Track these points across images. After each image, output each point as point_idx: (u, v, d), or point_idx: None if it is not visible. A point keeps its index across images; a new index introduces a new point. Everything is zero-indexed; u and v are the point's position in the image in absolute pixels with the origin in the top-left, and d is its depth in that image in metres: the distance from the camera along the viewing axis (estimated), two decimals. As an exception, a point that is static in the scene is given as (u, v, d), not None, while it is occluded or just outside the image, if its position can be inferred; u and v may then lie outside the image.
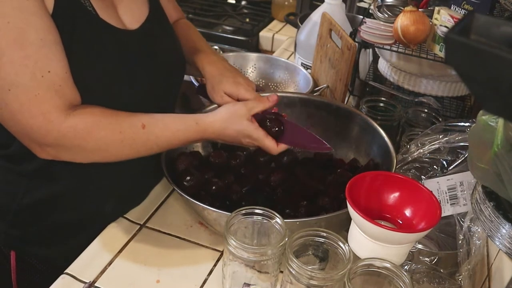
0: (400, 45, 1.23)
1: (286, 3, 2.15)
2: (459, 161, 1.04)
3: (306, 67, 1.46)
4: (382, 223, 0.77)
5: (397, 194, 0.84)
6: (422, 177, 1.05)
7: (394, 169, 0.96)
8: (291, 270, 0.76)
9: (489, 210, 0.71)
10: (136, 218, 1.06)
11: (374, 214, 0.82)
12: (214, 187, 1.01)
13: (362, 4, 1.52)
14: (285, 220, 0.83)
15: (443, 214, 0.90)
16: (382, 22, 1.25)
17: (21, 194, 0.98)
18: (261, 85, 1.47)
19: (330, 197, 1.00)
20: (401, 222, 0.83)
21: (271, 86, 1.47)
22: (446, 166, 1.06)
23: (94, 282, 0.91)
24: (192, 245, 1.01)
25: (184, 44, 1.10)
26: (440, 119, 1.26)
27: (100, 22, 0.89)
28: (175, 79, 1.07)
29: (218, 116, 0.94)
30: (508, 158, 0.66)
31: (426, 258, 0.94)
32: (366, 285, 0.78)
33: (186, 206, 1.08)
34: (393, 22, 1.21)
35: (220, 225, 0.91)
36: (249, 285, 0.85)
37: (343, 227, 0.90)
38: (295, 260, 0.75)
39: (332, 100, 1.27)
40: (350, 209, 0.78)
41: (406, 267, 0.91)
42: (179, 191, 0.93)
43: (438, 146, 1.04)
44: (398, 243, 0.78)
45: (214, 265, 0.97)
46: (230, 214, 0.84)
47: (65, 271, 0.93)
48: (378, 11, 1.30)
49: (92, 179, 0.99)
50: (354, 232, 0.81)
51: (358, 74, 1.40)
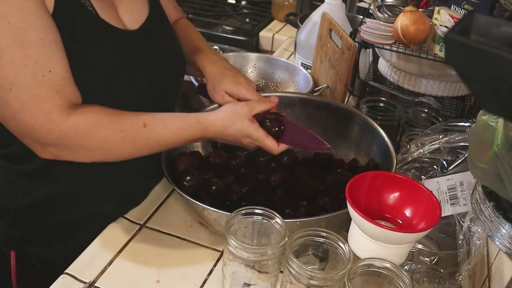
0: (400, 45, 1.23)
1: (286, 3, 2.14)
2: (459, 161, 1.04)
3: (306, 67, 1.46)
4: (382, 223, 0.77)
5: (397, 194, 0.84)
6: (422, 177, 1.05)
7: (394, 169, 0.96)
8: (291, 270, 0.76)
9: (489, 210, 0.71)
10: (136, 218, 1.06)
11: (374, 214, 0.82)
12: (214, 187, 1.01)
13: (362, 4, 1.52)
14: (285, 220, 0.83)
15: (443, 214, 0.90)
16: (382, 22, 1.25)
17: (21, 194, 0.98)
18: (261, 85, 1.47)
19: (330, 197, 1.00)
20: (401, 222, 0.83)
21: (271, 86, 1.47)
22: (446, 166, 1.06)
23: (94, 282, 0.91)
24: (192, 245, 1.01)
25: (184, 44, 1.10)
26: (440, 119, 1.26)
27: (100, 22, 0.89)
28: (175, 79, 1.07)
29: (219, 115, 0.94)
30: (508, 158, 0.66)
31: (426, 258, 0.94)
32: (366, 285, 0.78)
33: (186, 206, 1.08)
34: (393, 22, 1.21)
35: (220, 225, 0.91)
36: (249, 285, 0.85)
37: (343, 227, 0.90)
38: (295, 260, 0.75)
39: (332, 100, 1.27)
40: (350, 209, 0.78)
41: (406, 267, 0.91)
42: (179, 191, 0.93)
43: (438, 146, 1.04)
44: (398, 243, 0.78)
45: (214, 265, 0.97)
46: (230, 214, 0.84)
47: (65, 271, 0.93)
48: (378, 11, 1.30)
49: (92, 179, 0.99)
50: (354, 232, 0.81)
51: (358, 74, 1.40)
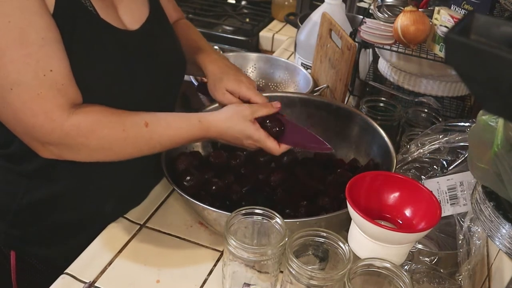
0: (400, 45, 1.23)
1: (286, 3, 2.14)
2: (459, 161, 1.04)
3: (306, 67, 1.46)
4: (382, 223, 0.77)
5: (397, 194, 0.84)
6: (422, 177, 1.05)
7: (394, 169, 0.96)
8: (291, 270, 0.76)
9: (489, 210, 0.71)
10: (136, 218, 1.06)
11: (374, 214, 0.82)
12: (214, 187, 1.01)
13: (362, 4, 1.52)
14: (285, 220, 0.83)
15: (443, 214, 0.90)
16: (382, 22, 1.25)
17: (21, 194, 0.98)
18: (261, 85, 1.47)
19: (330, 197, 1.00)
20: (401, 222, 0.83)
21: (271, 86, 1.47)
22: (446, 166, 1.06)
23: (94, 282, 0.91)
24: (192, 245, 1.01)
25: (184, 43, 1.10)
26: (440, 119, 1.26)
27: (100, 22, 0.89)
28: (176, 79, 1.07)
29: (221, 115, 0.94)
30: (508, 158, 0.66)
31: (426, 258, 0.94)
32: (366, 285, 0.78)
33: (186, 206, 1.08)
34: (393, 22, 1.21)
35: (220, 225, 0.91)
36: (249, 285, 0.85)
37: (343, 227, 0.90)
38: (295, 260, 0.75)
39: (332, 100, 1.27)
40: (350, 209, 0.78)
41: (406, 267, 0.91)
42: (179, 191, 0.93)
43: (438, 146, 1.04)
44: (398, 243, 0.78)
45: (214, 265, 0.97)
46: (230, 214, 0.84)
47: (65, 271, 0.93)
48: (378, 11, 1.30)
49: (92, 179, 0.99)
50: (354, 232, 0.81)
51: (358, 74, 1.40)
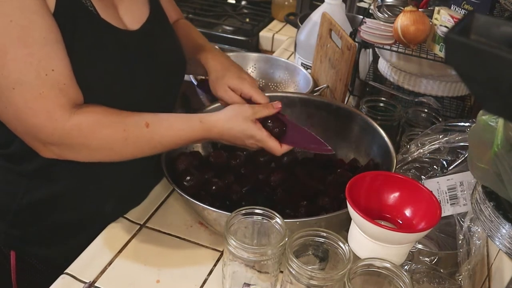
0: (400, 45, 1.23)
1: (286, 3, 2.14)
2: (459, 161, 1.04)
3: (306, 67, 1.46)
4: (382, 223, 0.77)
5: (397, 194, 0.84)
6: (422, 177, 1.05)
7: (394, 169, 0.96)
8: (291, 270, 0.76)
9: (489, 210, 0.71)
10: (136, 218, 1.06)
11: (374, 214, 0.82)
12: (214, 187, 1.01)
13: (362, 4, 1.52)
14: (285, 220, 0.83)
15: (443, 214, 0.90)
16: (382, 22, 1.25)
17: (21, 194, 0.98)
18: (261, 85, 1.47)
19: (330, 197, 1.00)
20: (401, 222, 0.83)
21: (271, 86, 1.47)
22: (446, 166, 1.06)
23: (94, 282, 0.91)
24: (192, 245, 1.01)
25: (185, 43, 1.10)
26: (440, 119, 1.26)
27: (101, 22, 0.89)
28: (176, 79, 1.07)
29: (222, 115, 0.94)
30: (508, 158, 0.66)
31: (426, 258, 0.94)
32: (366, 285, 0.78)
33: (186, 206, 1.08)
34: (393, 22, 1.21)
35: (220, 225, 0.91)
36: (249, 285, 0.85)
37: (343, 227, 0.90)
38: (295, 260, 0.75)
39: (332, 100, 1.27)
40: (350, 209, 0.78)
41: (406, 267, 0.91)
42: (179, 191, 0.93)
43: (438, 146, 1.04)
44: (398, 243, 0.78)
45: (214, 265, 0.97)
46: (230, 214, 0.84)
47: (65, 271, 0.93)
48: (378, 11, 1.30)
49: (92, 179, 0.99)
50: (354, 232, 0.81)
51: (358, 74, 1.40)
